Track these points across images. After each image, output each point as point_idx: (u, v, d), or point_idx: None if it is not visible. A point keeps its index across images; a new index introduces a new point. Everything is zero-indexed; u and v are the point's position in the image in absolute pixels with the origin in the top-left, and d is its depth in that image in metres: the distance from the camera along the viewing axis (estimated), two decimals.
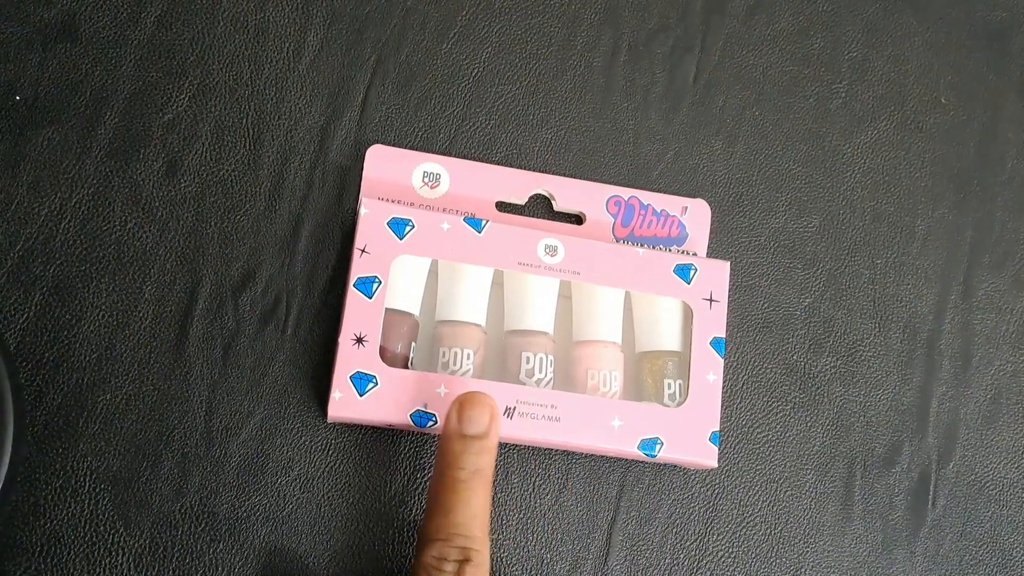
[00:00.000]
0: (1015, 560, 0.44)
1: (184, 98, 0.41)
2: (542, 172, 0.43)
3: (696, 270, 0.41)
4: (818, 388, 0.44)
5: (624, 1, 0.46)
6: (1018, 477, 0.45)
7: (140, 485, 0.38)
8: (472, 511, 0.35)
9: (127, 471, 0.38)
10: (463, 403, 0.36)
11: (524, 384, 0.39)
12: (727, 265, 0.41)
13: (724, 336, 0.41)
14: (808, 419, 0.43)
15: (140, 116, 0.40)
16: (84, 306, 0.39)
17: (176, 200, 0.40)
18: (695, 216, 0.43)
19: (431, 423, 0.37)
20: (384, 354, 0.38)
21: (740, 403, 0.43)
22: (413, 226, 0.39)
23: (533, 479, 0.41)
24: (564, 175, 0.43)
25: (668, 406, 0.40)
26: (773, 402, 0.43)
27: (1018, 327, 0.47)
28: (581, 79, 0.45)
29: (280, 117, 0.41)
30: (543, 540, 0.40)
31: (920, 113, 0.48)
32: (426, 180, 0.41)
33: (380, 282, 0.38)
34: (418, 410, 0.37)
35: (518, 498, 0.41)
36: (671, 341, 0.41)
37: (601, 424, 0.39)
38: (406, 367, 0.39)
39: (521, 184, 0.42)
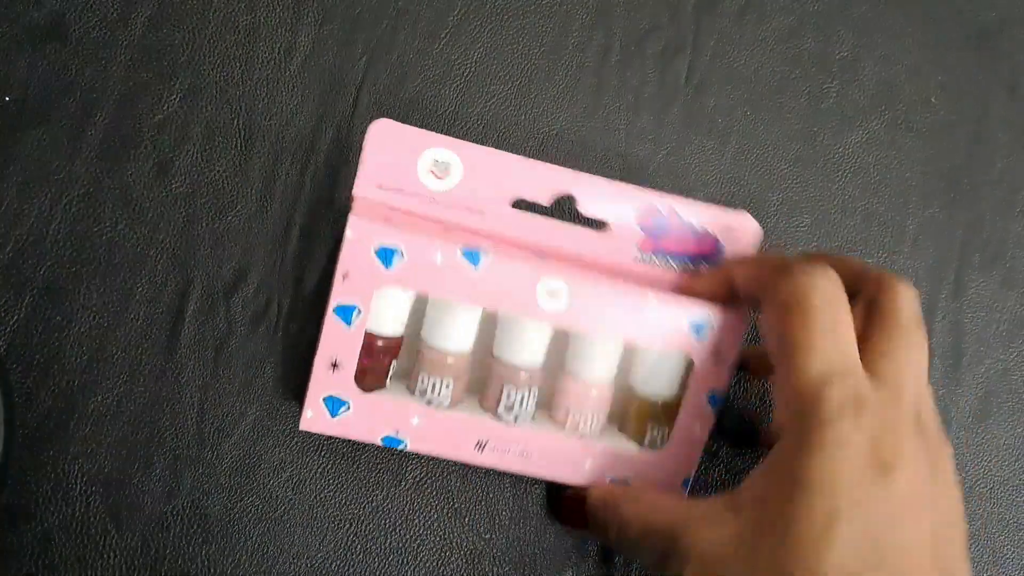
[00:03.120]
0: (1006, 558, 0.44)
1: (175, 99, 0.41)
2: (569, 167, 0.39)
3: (712, 327, 0.37)
4: None
5: (615, 1, 0.46)
6: (1009, 475, 0.45)
7: (132, 487, 0.38)
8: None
9: (119, 473, 0.38)
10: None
11: (501, 418, 0.38)
12: (747, 324, 0.38)
13: (724, 391, 0.38)
14: None
15: (130, 117, 0.40)
16: (74, 308, 0.39)
17: (167, 201, 0.40)
18: (736, 235, 0.39)
19: (401, 447, 0.37)
20: (363, 364, 0.37)
21: (733, 403, 0.43)
22: (403, 256, 0.35)
23: (526, 476, 0.41)
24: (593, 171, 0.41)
25: (645, 449, 0.39)
26: (766, 401, 0.43)
27: (1008, 326, 0.47)
28: (572, 79, 0.45)
29: (271, 118, 0.41)
30: (536, 539, 0.40)
31: (911, 113, 0.48)
32: (433, 169, 0.37)
33: (360, 311, 0.36)
34: (389, 435, 0.37)
35: (510, 497, 0.41)
36: (665, 388, 0.39)
37: (572, 463, 0.38)
38: (386, 377, 0.38)
39: (545, 180, 0.38)
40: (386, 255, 0.35)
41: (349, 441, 0.40)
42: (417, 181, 0.37)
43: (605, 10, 0.45)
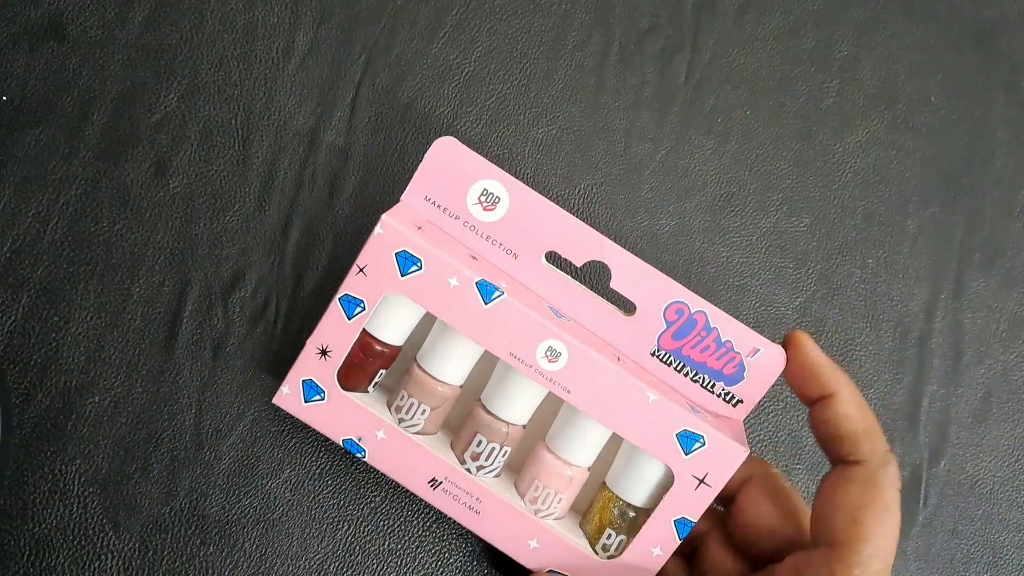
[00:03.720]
0: (1006, 558, 0.44)
1: (172, 98, 0.41)
2: (608, 236, 0.38)
3: (703, 445, 0.35)
4: None
5: (615, 0, 0.46)
6: (1009, 475, 0.45)
7: (129, 488, 0.38)
8: None
9: (116, 474, 0.38)
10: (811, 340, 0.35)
11: (464, 464, 0.37)
12: (743, 454, 0.35)
13: (694, 521, 0.36)
14: (799, 418, 0.43)
15: (128, 116, 0.40)
16: (72, 308, 0.38)
17: (165, 201, 0.40)
18: (763, 362, 0.36)
19: (360, 455, 0.36)
20: (354, 362, 0.37)
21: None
22: (420, 268, 0.34)
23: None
24: (626, 247, 0.40)
25: (596, 555, 0.37)
26: (765, 402, 0.43)
27: (1008, 325, 0.47)
28: (572, 79, 0.44)
29: (269, 117, 0.41)
30: None
31: (910, 112, 0.48)
32: (482, 199, 0.36)
33: (364, 308, 0.35)
34: (352, 439, 0.36)
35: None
36: (639, 495, 0.37)
37: (517, 539, 0.36)
38: (368, 385, 0.37)
39: (583, 242, 0.36)
40: (405, 262, 0.35)
41: None
42: (464, 205, 0.36)
43: (604, 9, 0.45)
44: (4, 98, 0.39)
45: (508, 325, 0.35)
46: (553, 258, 0.41)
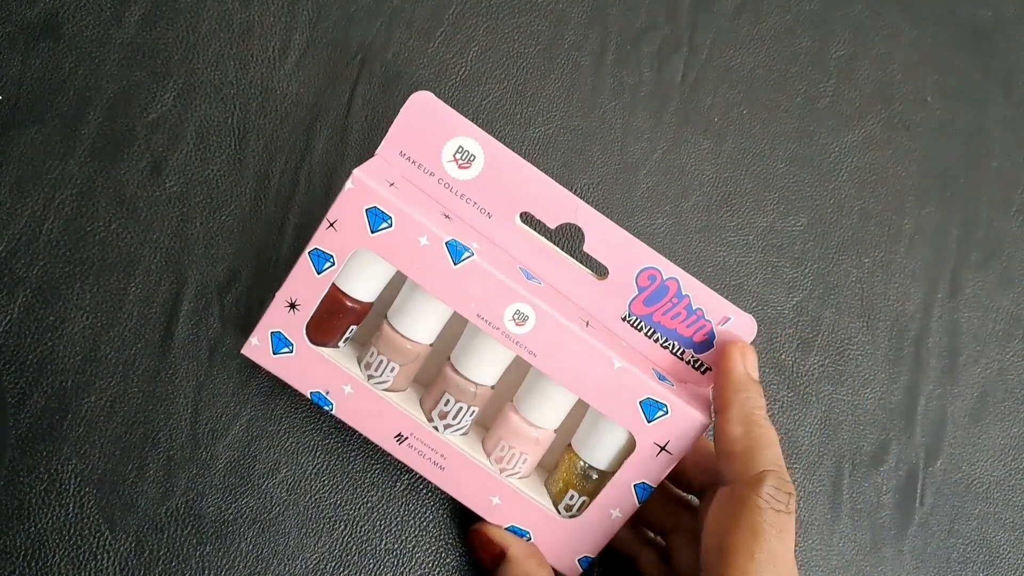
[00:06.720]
0: (1002, 557, 0.44)
1: (169, 97, 0.41)
2: (585, 198, 0.39)
3: (666, 414, 0.35)
4: (806, 387, 0.44)
5: (612, 0, 0.46)
6: (1005, 474, 0.45)
7: (126, 488, 0.38)
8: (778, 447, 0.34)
9: (112, 474, 0.38)
10: (746, 351, 0.35)
11: (432, 421, 0.37)
12: (705, 424, 0.35)
13: (654, 486, 0.36)
14: (796, 418, 0.44)
15: (124, 116, 0.40)
16: (68, 307, 0.38)
17: (161, 200, 0.40)
18: (734, 331, 0.37)
19: (328, 408, 0.37)
20: (323, 317, 0.36)
21: None
22: (390, 225, 0.34)
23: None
24: (600, 209, 0.41)
25: (559, 514, 0.37)
26: None
27: (1004, 325, 0.47)
28: (568, 78, 0.44)
29: (265, 116, 0.41)
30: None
31: (907, 112, 0.48)
32: (457, 156, 0.36)
33: (333, 263, 0.35)
34: (319, 392, 0.37)
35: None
36: (603, 459, 0.37)
37: (480, 495, 0.37)
38: (339, 340, 0.37)
39: (558, 204, 0.36)
40: (375, 218, 0.34)
41: (343, 442, 0.40)
42: (438, 162, 0.36)
43: (601, 9, 0.45)
44: (0, 97, 0.39)
45: (476, 286, 0.34)
46: (528, 219, 0.40)
